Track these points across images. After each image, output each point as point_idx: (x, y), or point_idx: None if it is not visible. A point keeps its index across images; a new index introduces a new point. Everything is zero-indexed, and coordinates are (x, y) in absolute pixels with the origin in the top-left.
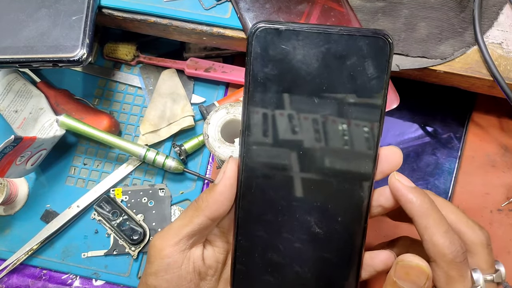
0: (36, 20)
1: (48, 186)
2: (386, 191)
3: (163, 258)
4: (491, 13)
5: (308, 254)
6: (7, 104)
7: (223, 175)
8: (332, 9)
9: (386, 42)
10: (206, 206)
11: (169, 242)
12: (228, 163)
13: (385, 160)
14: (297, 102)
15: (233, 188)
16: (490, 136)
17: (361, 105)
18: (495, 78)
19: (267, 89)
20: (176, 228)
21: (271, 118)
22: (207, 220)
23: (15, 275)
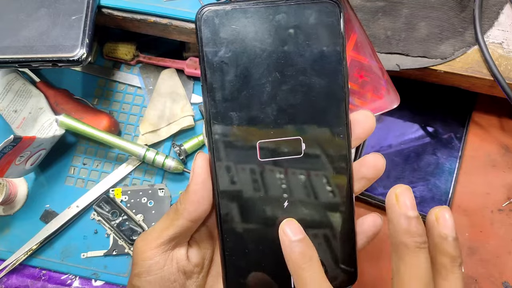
0: (35, 19)
1: (47, 186)
2: (366, 160)
3: (145, 260)
4: (492, 12)
5: None
6: (6, 103)
7: (192, 173)
8: None
9: (334, 5)
10: (184, 208)
11: (151, 245)
12: (195, 160)
13: (358, 125)
14: (258, 81)
15: (206, 184)
16: (490, 136)
17: (323, 73)
18: (495, 78)
19: (224, 73)
20: (158, 231)
21: (234, 103)
22: (187, 222)
23: (14, 275)
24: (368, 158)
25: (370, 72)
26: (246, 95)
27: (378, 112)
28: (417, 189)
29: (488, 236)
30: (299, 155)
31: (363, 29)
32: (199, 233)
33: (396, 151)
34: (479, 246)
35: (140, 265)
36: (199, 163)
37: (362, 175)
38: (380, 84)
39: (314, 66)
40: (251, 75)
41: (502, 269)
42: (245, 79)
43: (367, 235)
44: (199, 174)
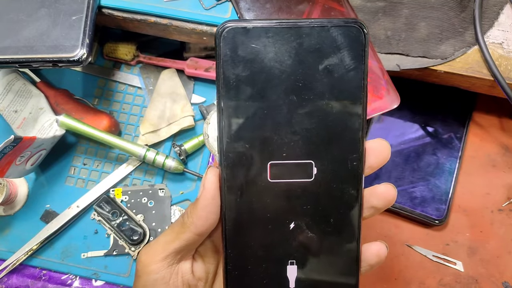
0: (36, 20)
1: (47, 186)
2: (377, 190)
3: (150, 274)
4: (492, 13)
5: (301, 261)
6: (7, 104)
7: (202, 188)
8: (333, 8)
9: (360, 31)
10: (191, 222)
11: (156, 258)
12: (206, 175)
13: (372, 154)
14: (274, 102)
15: (215, 200)
16: (490, 136)
17: (342, 99)
18: (495, 78)
19: (241, 92)
20: (163, 244)
21: (248, 123)
22: (194, 236)
23: (14, 275)
24: (379, 189)
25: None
26: (261, 116)
27: (378, 112)
28: (418, 189)
29: (488, 236)
30: (310, 179)
31: None
32: (204, 247)
33: (396, 151)
34: (479, 246)
35: (144, 279)
36: (210, 178)
37: (371, 205)
38: (380, 84)
39: (333, 91)
40: (268, 96)
41: (502, 269)
42: (261, 100)
43: (370, 263)
44: (209, 189)
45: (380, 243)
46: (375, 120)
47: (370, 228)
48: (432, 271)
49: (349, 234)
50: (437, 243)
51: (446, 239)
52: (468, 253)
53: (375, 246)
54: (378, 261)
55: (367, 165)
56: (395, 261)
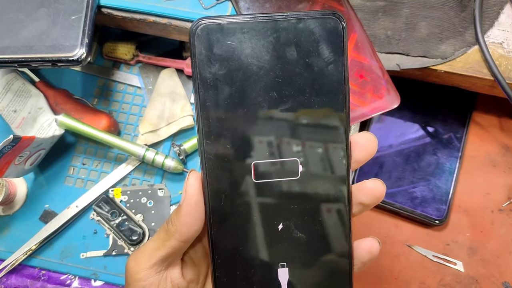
0: (35, 19)
1: (47, 186)
2: (365, 186)
3: (138, 281)
4: (492, 12)
5: (292, 263)
6: (6, 103)
7: (185, 194)
8: (332, 8)
9: (338, 22)
10: (175, 230)
11: (143, 266)
12: (188, 179)
13: (358, 148)
14: (253, 100)
15: (199, 205)
16: (491, 136)
17: (323, 94)
18: (496, 78)
19: (218, 91)
20: (149, 251)
21: (228, 122)
22: (179, 243)
23: (13, 275)
24: (367, 184)
25: (370, 72)
26: (241, 114)
27: (379, 112)
28: (418, 189)
29: (488, 236)
30: (296, 177)
31: (364, 29)
32: (194, 250)
33: (396, 151)
34: (479, 246)
35: (133, 286)
36: (192, 183)
37: (359, 201)
38: (381, 84)
39: (313, 86)
40: (247, 94)
41: (503, 269)
42: (240, 98)
43: (362, 260)
44: (192, 195)
45: (372, 238)
46: (375, 120)
47: (370, 228)
48: (432, 271)
49: (340, 232)
50: (438, 243)
51: (447, 239)
52: (469, 253)
53: (366, 242)
54: (370, 258)
55: (353, 159)
56: (395, 261)
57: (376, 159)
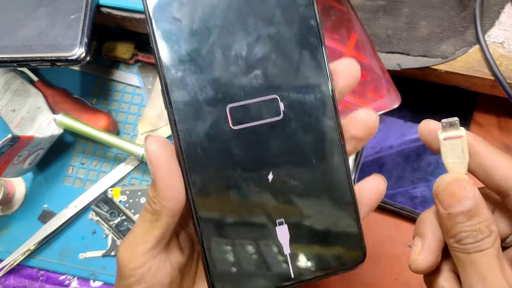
0: (34, 19)
1: (45, 185)
2: (355, 116)
3: (135, 270)
4: (493, 12)
5: (291, 218)
6: (4, 103)
7: (152, 167)
8: (333, 7)
9: None
10: (161, 207)
11: (138, 252)
12: (148, 150)
13: (340, 76)
14: (218, 36)
15: (174, 173)
16: (491, 135)
17: (294, 21)
18: (496, 78)
19: (178, 31)
20: (141, 235)
21: (193, 64)
22: (170, 218)
23: (12, 275)
24: (358, 114)
25: (370, 71)
26: (206, 54)
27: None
28: (418, 189)
29: None
30: (279, 117)
31: (364, 28)
32: (184, 219)
33: (397, 152)
34: None
35: (129, 275)
36: (154, 151)
37: (350, 135)
38: (381, 83)
39: (283, 13)
40: (210, 29)
41: None
42: (202, 35)
43: (368, 203)
44: (159, 165)
45: (376, 175)
46: None
47: (369, 227)
48: None
49: (337, 174)
50: None
51: None
52: None
53: (371, 181)
54: (378, 197)
55: (336, 90)
56: (396, 261)
57: (376, 159)
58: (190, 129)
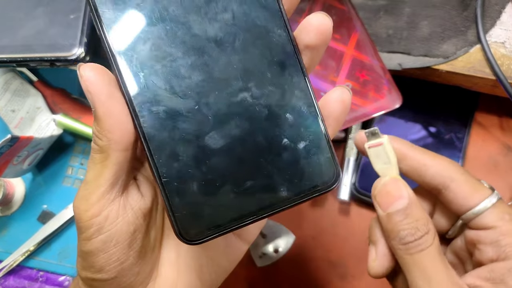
0: (33, 18)
1: (45, 186)
2: (306, 22)
3: (92, 218)
4: (494, 12)
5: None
6: (4, 103)
7: (90, 95)
8: (333, 7)
9: None
10: (108, 140)
11: (92, 200)
12: (82, 77)
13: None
14: None
15: (116, 97)
16: (493, 136)
17: None
18: (497, 78)
19: None
20: (93, 180)
21: None
22: (120, 153)
23: (11, 276)
24: (309, 19)
25: (371, 71)
26: None
27: (380, 111)
28: None
29: None
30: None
31: (365, 28)
32: (141, 162)
33: None
34: None
35: (86, 226)
36: (91, 77)
37: (304, 44)
38: (382, 83)
39: None
40: None
41: None
42: None
43: (334, 115)
44: (99, 92)
45: (340, 86)
46: (377, 120)
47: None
48: None
49: (296, 83)
50: None
51: None
52: None
53: (334, 93)
54: (344, 108)
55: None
56: None
57: None
58: (129, 52)
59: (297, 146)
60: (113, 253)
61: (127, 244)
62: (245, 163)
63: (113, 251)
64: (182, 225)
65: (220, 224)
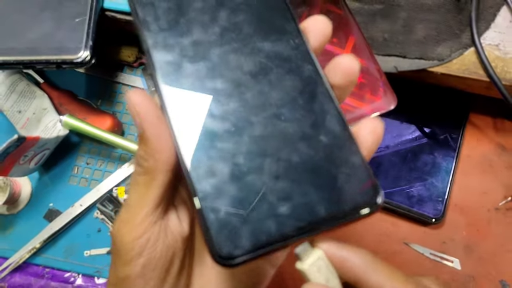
0: (39, 21)
1: (51, 185)
2: (333, 63)
3: (134, 240)
4: (488, 15)
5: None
6: (10, 104)
7: (139, 119)
8: (331, 11)
9: None
10: (156, 160)
11: (136, 221)
12: (131, 100)
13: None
14: None
15: (162, 119)
16: (487, 136)
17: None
18: (492, 80)
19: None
20: (137, 202)
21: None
22: (166, 173)
23: (18, 273)
24: (338, 60)
25: (368, 74)
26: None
27: (376, 113)
28: (415, 188)
29: (485, 234)
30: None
31: (361, 32)
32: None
33: (393, 152)
34: (476, 244)
35: (127, 249)
36: (140, 102)
37: (331, 83)
38: (378, 85)
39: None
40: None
41: (499, 267)
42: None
43: (366, 146)
44: (148, 114)
45: (373, 119)
46: None
47: (366, 225)
48: (429, 269)
49: (330, 113)
50: (434, 241)
51: (443, 237)
52: (465, 251)
53: (368, 123)
54: (376, 140)
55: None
56: (392, 259)
57: (373, 159)
58: (174, 83)
59: (335, 167)
60: (150, 278)
61: (165, 269)
62: (285, 183)
63: (151, 276)
64: (221, 247)
65: (259, 246)
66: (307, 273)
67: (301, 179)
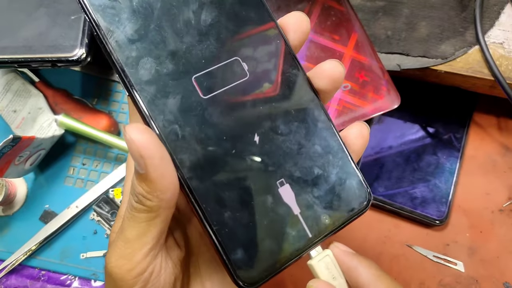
0: (34, 19)
1: (46, 186)
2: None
3: (137, 277)
4: (492, 12)
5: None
6: (5, 103)
7: (141, 158)
8: (332, 8)
9: None
10: (159, 200)
11: (137, 258)
12: (133, 140)
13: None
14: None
15: (165, 158)
16: (491, 136)
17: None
18: (496, 78)
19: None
20: (137, 239)
21: (145, 41)
22: (168, 210)
23: (13, 275)
24: (323, 65)
25: (370, 72)
26: (155, 29)
27: (379, 112)
28: (418, 190)
29: (488, 236)
30: (245, 78)
31: (364, 29)
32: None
33: (396, 152)
34: (479, 246)
35: (129, 285)
36: (141, 140)
37: (316, 87)
38: (381, 84)
39: None
40: (153, 3)
41: (503, 269)
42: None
43: (354, 149)
44: (152, 156)
45: (358, 122)
46: (375, 121)
47: (369, 228)
48: (432, 272)
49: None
50: (438, 243)
51: (447, 239)
52: (469, 253)
53: (354, 129)
54: (363, 143)
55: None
56: (395, 262)
57: (376, 159)
58: (159, 108)
59: (331, 175)
60: None
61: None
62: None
63: None
64: (240, 270)
65: (274, 263)
66: (315, 268)
67: (305, 192)
